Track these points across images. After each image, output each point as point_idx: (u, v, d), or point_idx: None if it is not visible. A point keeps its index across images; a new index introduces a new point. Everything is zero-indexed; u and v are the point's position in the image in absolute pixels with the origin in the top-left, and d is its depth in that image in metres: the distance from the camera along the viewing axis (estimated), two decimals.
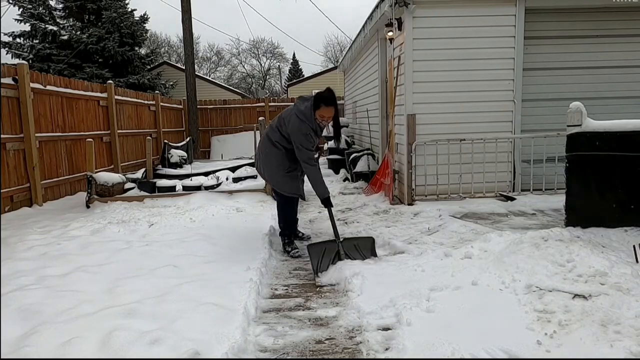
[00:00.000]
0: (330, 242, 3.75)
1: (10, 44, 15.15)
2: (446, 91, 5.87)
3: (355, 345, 2.41)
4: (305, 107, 3.86)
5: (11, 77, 5.93)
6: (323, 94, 3.89)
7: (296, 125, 3.82)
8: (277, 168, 4.03)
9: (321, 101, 3.84)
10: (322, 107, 3.84)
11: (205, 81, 21.78)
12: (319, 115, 3.86)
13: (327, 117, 3.90)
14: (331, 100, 3.84)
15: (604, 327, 2.29)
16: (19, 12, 15.09)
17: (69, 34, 15.31)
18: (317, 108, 3.84)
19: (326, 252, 3.63)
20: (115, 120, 8.89)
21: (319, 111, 3.85)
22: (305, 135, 3.82)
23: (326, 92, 3.90)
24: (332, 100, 3.85)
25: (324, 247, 3.69)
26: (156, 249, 4.02)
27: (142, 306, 2.72)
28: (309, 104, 3.87)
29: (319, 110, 3.85)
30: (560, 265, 3.02)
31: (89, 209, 6.00)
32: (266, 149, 4.09)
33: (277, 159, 4.01)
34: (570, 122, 3.59)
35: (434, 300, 2.77)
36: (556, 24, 6.11)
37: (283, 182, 4.07)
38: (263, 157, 4.14)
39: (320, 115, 3.86)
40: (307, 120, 3.83)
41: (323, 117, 3.89)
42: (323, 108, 3.84)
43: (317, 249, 3.66)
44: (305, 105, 3.88)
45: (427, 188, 5.96)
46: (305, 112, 3.85)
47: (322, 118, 3.89)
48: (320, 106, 3.84)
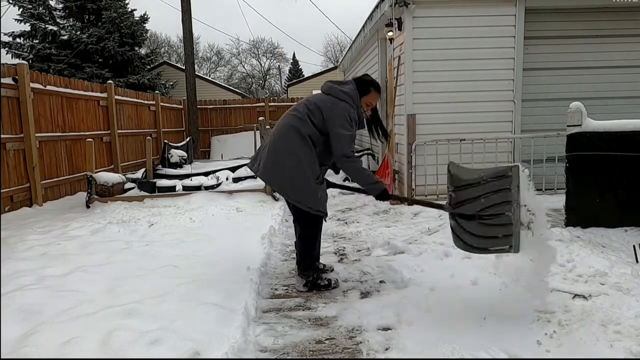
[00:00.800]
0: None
1: (10, 44, 15.15)
2: (446, 91, 5.87)
3: (355, 345, 2.41)
4: (349, 88, 3.06)
5: (11, 77, 5.93)
6: (368, 77, 3.23)
7: (341, 107, 2.96)
8: (309, 175, 2.94)
9: (371, 85, 3.15)
10: (372, 92, 3.14)
11: (205, 81, 21.78)
12: (365, 103, 3.14)
13: (372, 105, 3.22)
14: (379, 86, 3.22)
15: (604, 327, 2.29)
16: (19, 12, 15.09)
17: (69, 34, 15.31)
18: (366, 93, 3.12)
19: None
20: (115, 120, 8.89)
21: (367, 97, 3.13)
22: (351, 120, 2.97)
23: (368, 76, 3.26)
24: (380, 87, 3.22)
25: None
26: (156, 249, 4.02)
27: (142, 306, 2.72)
28: (352, 87, 3.09)
29: (368, 96, 3.13)
30: (560, 265, 3.02)
31: (89, 209, 6.00)
32: (293, 147, 2.95)
33: (309, 163, 2.95)
34: (570, 122, 3.59)
35: (434, 300, 2.77)
36: (556, 24, 6.11)
37: (314, 196, 2.96)
38: (284, 159, 2.97)
39: (368, 102, 3.16)
40: (353, 103, 3.03)
41: (369, 105, 3.19)
42: (373, 94, 3.15)
43: None
44: (348, 87, 3.07)
45: (427, 188, 5.96)
46: (351, 94, 3.04)
47: (368, 106, 3.18)
48: (370, 91, 3.13)
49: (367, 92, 3.12)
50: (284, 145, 2.97)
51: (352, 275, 3.42)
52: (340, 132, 2.89)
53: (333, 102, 2.97)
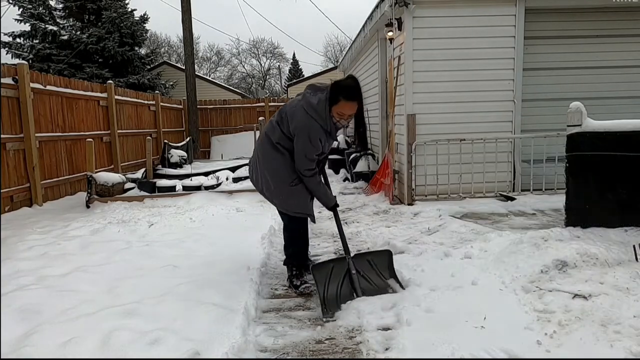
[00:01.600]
0: (339, 261, 3.03)
1: (10, 44, 15.15)
2: (446, 91, 5.87)
3: (355, 345, 2.41)
4: (317, 99, 2.87)
5: (11, 77, 5.93)
6: (344, 82, 2.91)
7: (303, 122, 2.86)
8: (281, 179, 3.04)
9: (340, 93, 2.83)
10: (341, 101, 2.83)
11: (205, 81, 21.79)
12: (336, 113, 2.88)
13: (347, 115, 2.90)
14: (355, 93, 2.85)
15: (604, 327, 2.29)
16: (19, 12, 15.09)
17: (69, 34, 15.31)
18: (335, 102, 2.85)
19: (333, 275, 2.94)
20: (115, 120, 8.89)
21: (336, 107, 2.85)
22: (312, 139, 2.87)
23: (349, 80, 2.92)
24: (356, 92, 2.86)
25: (331, 266, 2.97)
26: (156, 249, 4.02)
27: (142, 306, 2.72)
28: (323, 96, 2.87)
29: (337, 105, 2.85)
30: (560, 265, 3.02)
31: (89, 209, 6.00)
32: (265, 153, 3.08)
33: (281, 167, 3.02)
34: (570, 122, 3.59)
35: (434, 300, 2.77)
36: (556, 24, 6.10)
37: (289, 199, 3.09)
38: (261, 165, 3.11)
39: (339, 112, 2.87)
40: (318, 118, 2.86)
41: (342, 115, 2.89)
42: (343, 103, 2.84)
43: (322, 271, 2.92)
44: (317, 98, 2.88)
45: (427, 188, 5.96)
46: (317, 107, 2.86)
47: (341, 116, 2.89)
48: (339, 100, 2.83)
49: (335, 102, 2.85)
50: (259, 153, 3.16)
51: None
52: (299, 148, 2.92)
53: (299, 117, 2.91)
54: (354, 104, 2.87)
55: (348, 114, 2.91)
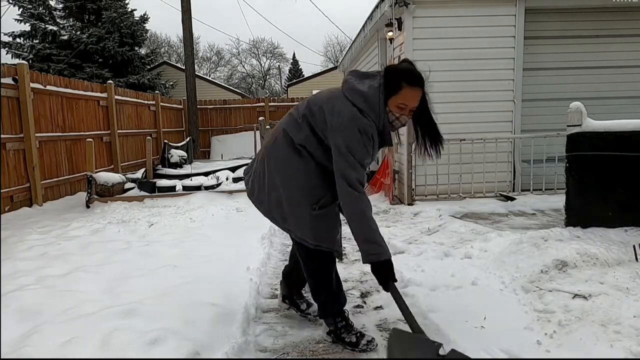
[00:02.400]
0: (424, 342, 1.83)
1: (10, 44, 15.15)
2: (446, 91, 5.86)
3: None
4: (369, 87, 2.10)
5: (11, 77, 5.93)
6: (403, 65, 2.15)
7: (348, 116, 2.05)
8: (302, 196, 2.19)
9: (402, 78, 2.08)
10: (404, 89, 2.07)
11: (205, 81, 21.78)
12: (395, 106, 2.11)
13: (410, 108, 2.14)
14: (419, 77, 2.11)
15: (604, 327, 2.29)
16: (19, 12, 15.09)
17: (69, 34, 15.31)
18: (395, 91, 2.08)
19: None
20: (115, 120, 8.89)
21: (397, 97, 2.09)
22: (361, 140, 2.05)
23: (405, 63, 2.17)
24: (421, 77, 2.11)
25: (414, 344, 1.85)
26: (156, 249, 4.02)
27: (142, 306, 2.71)
28: (375, 83, 2.11)
29: (398, 95, 2.08)
30: (560, 265, 3.02)
31: (89, 209, 6.00)
32: (280, 158, 2.22)
33: (303, 178, 2.18)
34: (570, 122, 3.59)
35: (434, 300, 2.77)
36: (556, 24, 6.11)
37: (311, 224, 2.20)
38: (272, 175, 2.25)
39: (400, 104, 2.10)
40: (370, 111, 2.09)
41: (404, 110, 2.13)
42: (407, 91, 2.07)
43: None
44: (369, 85, 2.11)
45: (427, 188, 5.96)
46: (367, 94, 2.09)
47: (401, 111, 2.13)
48: (401, 87, 2.07)
49: (395, 89, 2.06)
50: (273, 157, 2.23)
51: (352, 275, 3.42)
52: (343, 151, 2.02)
53: (342, 106, 2.07)
54: (418, 91, 2.09)
55: (411, 107, 2.12)
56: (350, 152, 2.03)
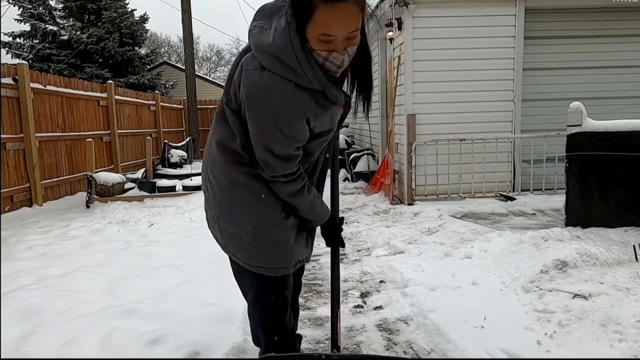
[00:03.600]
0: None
1: (10, 44, 15.15)
2: (446, 91, 5.86)
3: (355, 345, 2.41)
4: (274, 31, 1.32)
5: (11, 77, 5.93)
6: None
7: (254, 86, 1.33)
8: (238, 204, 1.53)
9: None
10: (319, 7, 1.22)
11: (205, 81, 21.78)
12: (316, 40, 1.28)
13: (341, 37, 1.27)
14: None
15: (604, 327, 2.29)
16: (19, 12, 15.09)
17: (69, 34, 15.31)
18: (307, 16, 1.25)
19: None
20: (115, 120, 8.89)
21: (312, 26, 1.25)
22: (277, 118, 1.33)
23: None
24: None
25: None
26: (156, 249, 4.02)
27: (142, 306, 2.72)
28: (282, 21, 1.31)
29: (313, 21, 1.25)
30: (561, 265, 3.02)
31: (89, 209, 6.00)
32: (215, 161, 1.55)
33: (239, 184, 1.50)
34: (570, 122, 3.59)
35: (434, 300, 2.77)
36: (556, 24, 6.10)
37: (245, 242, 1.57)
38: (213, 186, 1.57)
39: (321, 36, 1.26)
40: (288, 70, 1.30)
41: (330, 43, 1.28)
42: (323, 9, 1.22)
43: None
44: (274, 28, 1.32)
45: (427, 188, 5.96)
46: (277, 47, 1.30)
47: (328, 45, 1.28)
48: (315, 6, 1.22)
49: (308, 14, 1.24)
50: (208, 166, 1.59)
51: (352, 276, 3.42)
52: (254, 137, 1.38)
53: (247, 73, 1.35)
54: (342, 9, 1.22)
55: (341, 37, 1.26)
56: (263, 142, 1.37)
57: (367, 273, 3.45)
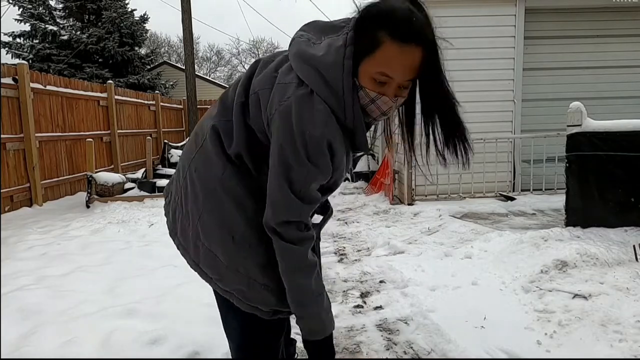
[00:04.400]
0: None
1: (10, 44, 15.15)
2: None
3: (355, 345, 2.41)
4: (327, 49, 1.12)
5: (11, 77, 5.93)
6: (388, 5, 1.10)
7: (288, 109, 1.09)
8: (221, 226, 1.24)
9: (383, 24, 1.07)
10: (384, 44, 1.06)
11: (205, 81, 21.77)
12: (369, 78, 1.10)
13: (397, 82, 1.11)
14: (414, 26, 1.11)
15: (604, 327, 2.29)
16: (19, 12, 15.08)
17: (69, 34, 15.31)
18: (368, 50, 1.09)
19: None
20: (115, 120, 8.89)
21: (370, 61, 1.09)
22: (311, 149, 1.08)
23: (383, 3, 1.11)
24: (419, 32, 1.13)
25: None
26: (156, 249, 4.02)
27: (142, 306, 2.71)
28: (339, 41, 1.12)
29: (373, 56, 1.08)
30: (561, 265, 3.02)
31: (89, 209, 6.00)
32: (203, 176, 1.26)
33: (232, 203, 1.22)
34: (570, 122, 3.59)
35: (434, 300, 2.77)
36: (556, 24, 6.10)
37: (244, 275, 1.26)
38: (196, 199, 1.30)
39: (377, 75, 1.09)
40: (330, 94, 1.10)
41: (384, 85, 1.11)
42: (389, 47, 1.06)
43: None
44: (328, 46, 1.12)
45: (427, 188, 5.96)
46: (326, 64, 1.09)
47: (381, 88, 1.11)
48: (380, 42, 1.06)
49: (370, 49, 1.09)
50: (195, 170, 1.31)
51: (352, 275, 3.42)
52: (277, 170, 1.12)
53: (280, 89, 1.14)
54: (416, 51, 1.13)
55: (401, 80, 1.13)
56: (289, 178, 1.11)
57: (367, 273, 3.45)
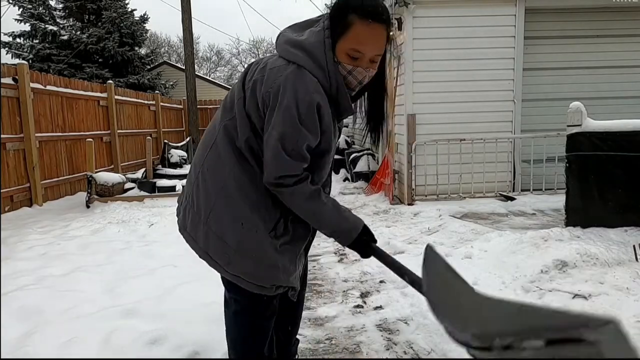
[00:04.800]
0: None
1: (10, 44, 15.15)
2: (446, 91, 5.87)
3: (355, 345, 2.41)
4: (309, 34, 1.41)
5: (11, 77, 5.93)
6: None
7: (282, 78, 1.34)
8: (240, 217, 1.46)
9: (352, 8, 1.35)
10: (355, 24, 1.34)
11: (205, 81, 21.77)
12: (345, 54, 1.38)
13: (369, 56, 1.39)
14: (380, 8, 1.35)
15: None
16: (19, 12, 15.09)
17: (69, 34, 15.31)
18: (342, 30, 1.37)
19: None
20: (115, 120, 8.89)
21: (345, 40, 1.37)
22: (302, 110, 1.33)
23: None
24: (383, 9, 1.37)
25: None
26: (156, 249, 4.02)
27: (142, 306, 2.72)
28: (317, 27, 1.42)
29: (347, 35, 1.36)
30: (561, 265, 3.02)
31: (89, 209, 6.00)
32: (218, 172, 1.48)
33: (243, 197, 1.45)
34: (570, 122, 3.59)
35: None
36: (556, 24, 6.11)
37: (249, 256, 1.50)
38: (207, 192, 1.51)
39: (351, 51, 1.37)
40: (315, 66, 1.36)
41: (357, 59, 1.38)
42: (359, 27, 1.34)
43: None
44: (309, 32, 1.42)
45: (427, 188, 5.96)
46: (309, 44, 1.38)
47: (355, 62, 1.38)
48: (351, 23, 1.35)
49: (343, 29, 1.35)
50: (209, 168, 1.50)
51: (352, 275, 3.42)
52: (273, 132, 1.33)
53: (273, 73, 1.36)
54: (377, 29, 1.34)
55: (370, 56, 1.37)
56: (282, 137, 1.32)
57: (367, 273, 3.45)
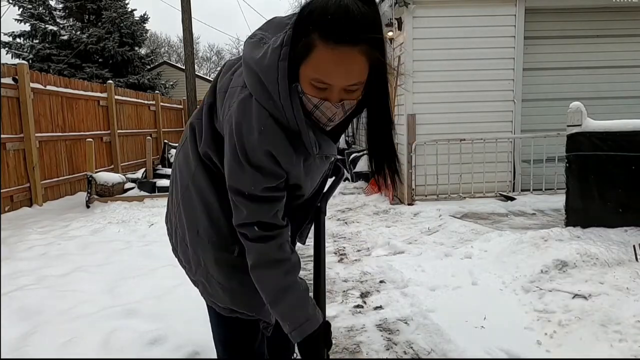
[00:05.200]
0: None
1: (10, 44, 15.15)
2: (446, 91, 5.87)
3: (355, 345, 2.41)
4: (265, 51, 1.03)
5: (11, 77, 5.93)
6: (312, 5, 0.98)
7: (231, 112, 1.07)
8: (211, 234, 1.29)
9: (314, 24, 0.95)
10: (318, 47, 0.95)
11: (205, 81, 21.76)
12: (308, 84, 1.00)
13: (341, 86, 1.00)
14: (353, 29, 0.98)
15: (604, 327, 2.29)
16: (19, 12, 15.08)
17: (69, 34, 15.31)
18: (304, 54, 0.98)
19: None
20: (115, 120, 8.89)
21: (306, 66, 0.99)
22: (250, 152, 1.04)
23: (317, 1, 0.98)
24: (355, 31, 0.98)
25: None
26: (156, 249, 4.02)
27: (142, 306, 2.72)
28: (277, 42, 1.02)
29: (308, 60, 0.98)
30: (561, 265, 3.02)
31: (89, 209, 6.00)
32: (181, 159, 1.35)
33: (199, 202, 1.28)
34: (570, 122, 3.59)
35: (434, 300, 2.77)
36: (556, 24, 6.10)
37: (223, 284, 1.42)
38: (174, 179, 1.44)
39: (314, 81, 0.99)
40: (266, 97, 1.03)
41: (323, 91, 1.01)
42: (322, 51, 0.95)
43: None
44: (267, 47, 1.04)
45: (427, 188, 5.96)
46: (264, 68, 1.02)
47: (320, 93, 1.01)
48: (315, 46, 0.95)
49: (305, 52, 0.98)
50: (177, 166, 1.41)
51: (352, 275, 3.42)
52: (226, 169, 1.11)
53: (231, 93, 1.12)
54: (350, 53, 0.98)
55: (342, 85, 1.01)
56: (232, 177, 1.09)
57: (367, 273, 3.45)
